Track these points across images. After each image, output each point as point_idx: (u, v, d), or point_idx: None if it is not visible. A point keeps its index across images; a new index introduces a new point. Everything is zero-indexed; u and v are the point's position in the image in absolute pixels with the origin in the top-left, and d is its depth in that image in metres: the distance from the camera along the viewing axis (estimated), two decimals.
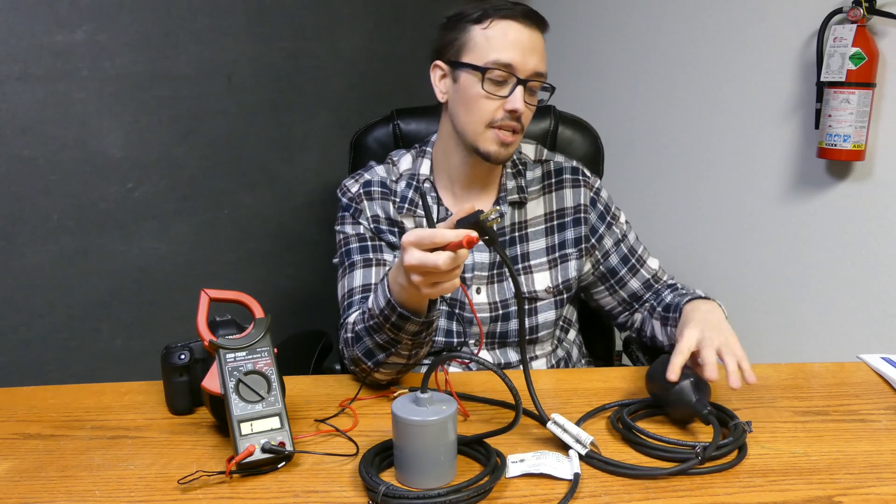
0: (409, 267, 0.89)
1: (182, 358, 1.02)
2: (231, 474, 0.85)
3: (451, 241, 0.86)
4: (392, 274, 1.00)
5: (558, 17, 2.30)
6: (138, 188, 1.64)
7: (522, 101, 1.14)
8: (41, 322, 1.56)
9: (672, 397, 0.96)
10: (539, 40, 1.16)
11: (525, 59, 1.13)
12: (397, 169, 1.30)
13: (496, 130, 1.16)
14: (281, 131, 1.89)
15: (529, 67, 1.14)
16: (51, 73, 1.48)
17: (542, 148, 1.34)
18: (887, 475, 0.86)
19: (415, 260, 0.88)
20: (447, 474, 0.85)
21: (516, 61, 1.13)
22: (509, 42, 1.13)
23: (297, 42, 1.88)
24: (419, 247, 0.88)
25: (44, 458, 0.92)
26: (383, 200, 1.28)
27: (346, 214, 1.29)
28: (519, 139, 1.19)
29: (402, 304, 0.99)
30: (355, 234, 1.27)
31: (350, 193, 1.29)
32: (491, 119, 1.16)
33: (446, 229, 0.88)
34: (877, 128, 1.63)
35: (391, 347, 1.04)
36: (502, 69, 1.13)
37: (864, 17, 1.56)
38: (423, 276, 0.90)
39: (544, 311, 1.28)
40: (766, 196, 1.85)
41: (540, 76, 1.16)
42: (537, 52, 1.15)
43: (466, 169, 1.25)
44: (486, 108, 1.16)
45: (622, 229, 1.32)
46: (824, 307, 1.78)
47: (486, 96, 1.15)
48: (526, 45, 1.14)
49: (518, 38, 1.14)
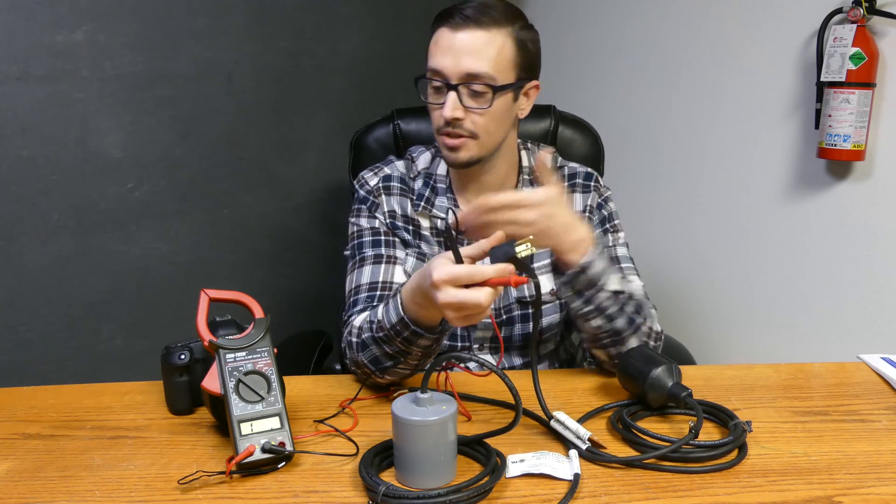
0: (446, 305, 0.87)
1: (182, 358, 1.02)
2: (231, 474, 0.85)
3: (492, 279, 0.86)
4: (407, 293, 0.99)
5: (559, 18, 2.31)
6: (138, 188, 1.64)
7: (452, 108, 1.12)
8: (41, 322, 1.56)
9: (647, 386, 0.97)
10: (477, 39, 1.11)
11: (456, 62, 1.11)
12: (416, 166, 1.30)
13: (443, 137, 1.17)
14: (281, 131, 1.89)
15: (461, 70, 1.11)
16: (51, 73, 1.48)
17: (558, 156, 1.34)
18: (887, 475, 0.86)
19: (452, 298, 0.86)
20: (447, 474, 0.85)
21: (445, 66, 1.12)
22: (440, 48, 1.13)
23: (297, 42, 1.88)
24: (455, 284, 0.87)
25: (44, 458, 0.92)
26: (401, 197, 1.27)
27: (362, 207, 1.28)
28: (476, 143, 1.16)
29: (415, 322, 0.99)
30: (370, 228, 1.26)
31: (368, 186, 1.28)
32: (437, 127, 1.17)
33: (484, 266, 0.87)
34: (877, 128, 1.63)
35: (400, 357, 1.04)
36: (434, 77, 1.14)
37: (864, 17, 1.56)
38: (459, 311, 0.88)
39: (548, 314, 1.27)
40: (766, 196, 1.85)
41: (474, 77, 1.11)
42: (471, 53, 1.11)
43: (459, 175, 1.25)
44: (433, 116, 1.18)
45: (616, 241, 1.28)
46: (824, 307, 1.78)
47: (430, 106, 1.17)
48: (457, 48, 1.11)
49: (449, 43, 1.12)
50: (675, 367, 0.99)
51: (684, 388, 0.96)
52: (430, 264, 0.90)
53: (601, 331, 1.09)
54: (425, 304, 0.94)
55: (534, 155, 1.30)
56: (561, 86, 2.28)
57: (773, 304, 1.88)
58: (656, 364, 0.98)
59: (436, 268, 0.88)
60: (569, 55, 2.28)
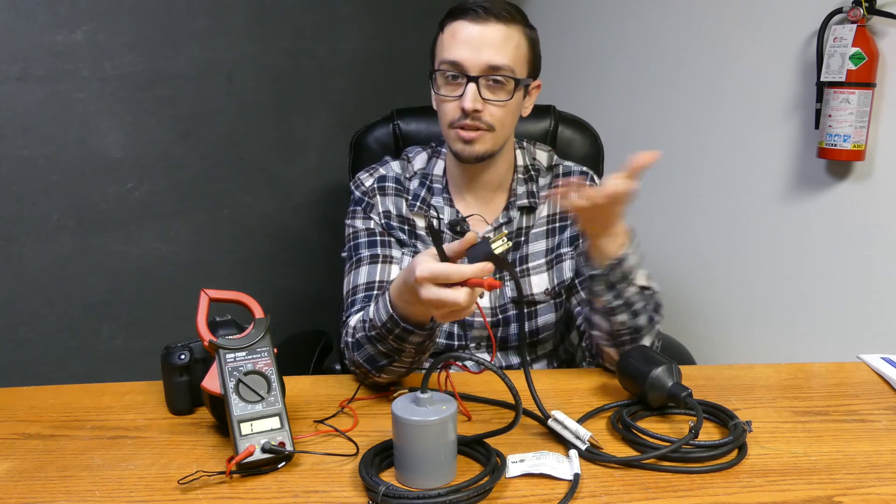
0: (427, 301, 0.88)
1: (182, 358, 1.02)
2: (231, 474, 0.85)
3: (471, 279, 0.86)
4: (395, 290, 0.99)
5: (559, 18, 2.31)
6: (138, 188, 1.64)
7: (472, 100, 1.12)
8: (41, 322, 1.56)
9: (647, 386, 0.97)
10: (497, 32, 1.13)
11: (476, 54, 1.12)
12: (412, 166, 1.30)
13: (457, 130, 1.17)
14: (281, 131, 1.89)
15: (482, 62, 1.12)
16: (51, 73, 1.48)
17: (554, 154, 1.34)
18: (887, 475, 0.86)
19: (433, 295, 0.87)
20: (447, 474, 0.85)
21: (464, 58, 1.12)
22: (458, 41, 1.13)
23: (297, 42, 1.88)
24: (435, 282, 0.87)
25: (44, 458, 0.92)
26: (396, 197, 1.28)
27: (357, 208, 1.28)
28: (491, 136, 1.17)
29: (405, 319, 0.99)
30: (365, 229, 1.26)
31: (363, 187, 1.28)
32: (451, 120, 1.17)
33: (463, 266, 0.88)
34: (877, 128, 1.63)
35: (394, 355, 1.04)
36: (451, 68, 1.14)
37: (864, 17, 1.56)
38: (440, 308, 0.89)
39: (544, 313, 1.27)
40: (766, 196, 1.85)
41: (496, 69, 1.13)
42: (492, 46, 1.12)
43: (461, 172, 1.25)
44: (446, 109, 1.17)
45: None
46: (824, 307, 1.78)
47: (444, 98, 1.16)
48: (476, 40, 1.12)
49: (468, 36, 1.13)
50: (675, 367, 0.99)
51: (684, 388, 0.96)
52: (415, 261, 0.91)
53: (624, 327, 1.09)
54: (413, 300, 0.94)
55: (528, 153, 1.31)
56: (561, 86, 2.28)
57: (773, 304, 1.88)
58: (656, 364, 0.98)
59: (419, 264, 0.89)
60: (569, 55, 2.28)
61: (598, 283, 1.07)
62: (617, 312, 1.08)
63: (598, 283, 1.07)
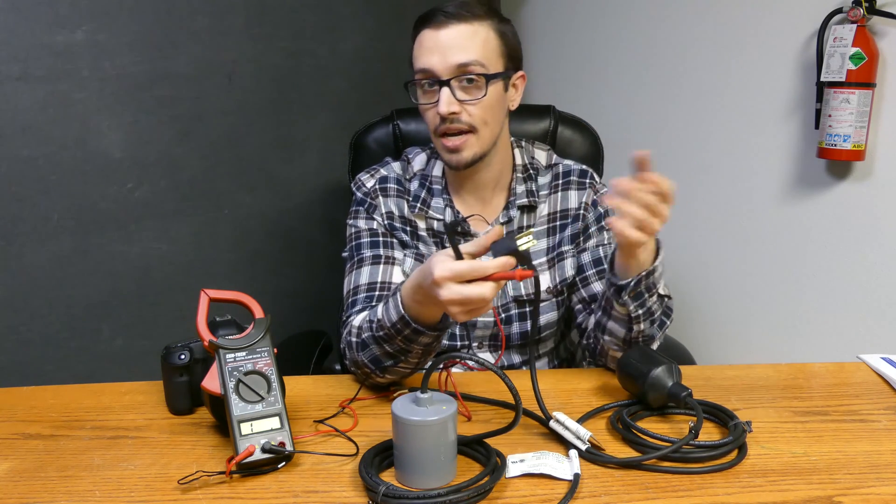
0: (449, 301, 0.87)
1: (182, 358, 1.02)
2: (231, 474, 0.85)
3: (497, 274, 0.86)
4: (407, 291, 0.98)
5: (559, 18, 2.31)
6: (138, 188, 1.64)
7: (447, 103, 1.12)
8: (41, 322, 1.56)
9: (647, 386, 0.97)
10: (460, 32, 1.13)
11: (443, 58, 1.12)
12: (412, 167, 1.30)
13: (441, 139, 1.17)
14: (281, 131, 1.89)
15: (449, 64, 1.12)
16: (51, 73, 1.48)
17: (553, 153, 1.34)
18: (887, 475, 0.86)
19: (455, 294, 0.86)
20: (447, 474, 0.85)
21: (433, 64, 1.13)
22: (425, 48, 1.14)
23: (297, 42, 1.88)
24: (457, 280, 0.87)
25: (44, 458, 0.92)
26: (398, 198, 1.28)
27: (360, 209, 1.28)
28: (476, 138, 1.16)
29: (416, 320, 0.98)
30: (367, 230, 1.26)
31: (365, 188, 1.28)
32: (434, 127, 1.17)
33: (486, 261, 0.87)
34: (877, 128, 1.63)
35: (400, 356, 1.04)
36: (423, 76, 1.15)
37: (864, 17, 1.56)
38: (463, 306, 0.88)
39: (545, 312, 1.27)
40: (766, 196, 1.85)
41: (464, 67, 1.12)
42: (457, 46, 1.12)
43: (457, 174, 1.25)
44: (428, 118, 1.18)
45: (612, 238, 1.26)
46: (824, 307, 1.78)
47: (424, 107, 1.17)
48: (442, 44, 1.13)
49: (433, 42, 1.13)
50: (675, 367, 0.99)
51: (684, 388, 0.96)
52: (430, 262, 0.90)
53: (642, 334, 1.08)
54: (426, 301, 0.94)
55: (527, 153, 1.31)
56: (561, 86, 2.28)
57: (773, 305, 1.88)
58: (656, 364, 0.98)
59: (436, 265, 0.88)
60: (569, 55, 2.28)
61: (626, 294, 1.04)
62: (639, 321, 1.07)
63: (626, 294, 1.04)
